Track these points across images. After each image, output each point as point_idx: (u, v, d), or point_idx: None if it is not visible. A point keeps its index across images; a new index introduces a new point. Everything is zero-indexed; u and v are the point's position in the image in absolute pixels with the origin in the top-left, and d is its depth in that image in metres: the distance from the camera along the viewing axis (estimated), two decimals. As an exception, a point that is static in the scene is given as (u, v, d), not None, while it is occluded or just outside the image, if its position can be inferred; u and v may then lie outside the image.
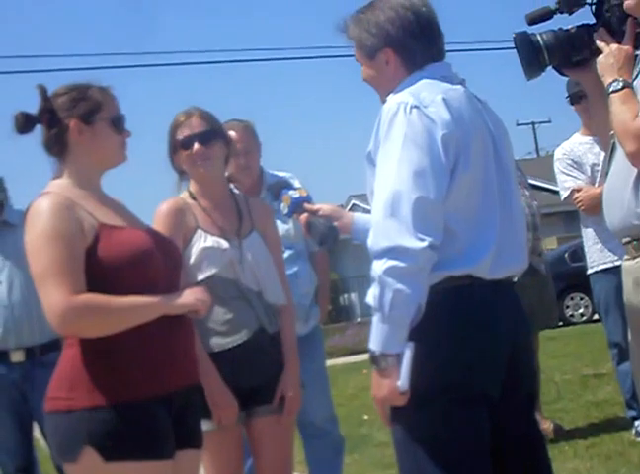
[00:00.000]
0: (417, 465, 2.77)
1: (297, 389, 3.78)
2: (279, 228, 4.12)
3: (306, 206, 3.18)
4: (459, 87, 2.89)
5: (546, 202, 17.01)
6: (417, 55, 2.90)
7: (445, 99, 2.77)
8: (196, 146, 3.72)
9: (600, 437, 6.07)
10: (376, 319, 2.67)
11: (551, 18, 3.23)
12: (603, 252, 5.71)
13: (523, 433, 2.93)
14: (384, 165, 2.73)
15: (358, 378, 11.79)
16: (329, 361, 6.59)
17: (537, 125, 48.54)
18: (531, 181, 21.46)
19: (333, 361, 14.95)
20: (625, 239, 3.11)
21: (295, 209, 3.20)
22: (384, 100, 2.88)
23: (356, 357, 16.58)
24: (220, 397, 3.56)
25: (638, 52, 3.08)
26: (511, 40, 3.21)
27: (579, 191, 5.79)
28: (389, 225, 2.65)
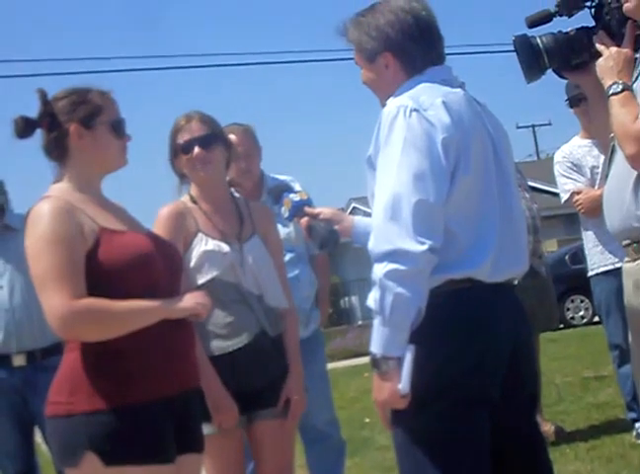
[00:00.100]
0: (418, 468, 2.77)
1: (302, 393, 3.78)
2: (279, 232, 4.12)
3: (307, 210, 3.19)
4: (459, 90, 2.90)
5: (547, 205, 16.98)
6: (416, 59, 2.90)
7: (445, 102, 2.77)
8: (196, 150, 3.72)
9: (601, 440, 6.07)
10: (377, 322, 2.67)
11: (551, 21, 3.23)
12: (604, 254, 5.71)
13: (524, 434, 2.93)
14: (384, 169, 2.74)
15: (359, 381, 11.78)
16: (330, 365, 6.59)
17: (537, 128, 48.53)
18: (532, 183, 21.47)
19: (334, 365, 14.95)
20: (625, 241, 3.12)
21: (296, 213, 3.20)
22: (384, 103, 2.88)
23: (357, 360, 16.58)
24: (220, 401, 3.56)
25: (637, 55, 3.09)
26: (510, 43, 3.22)
27: (579, 193, 5.80)
28: (390, 228, 2.65)
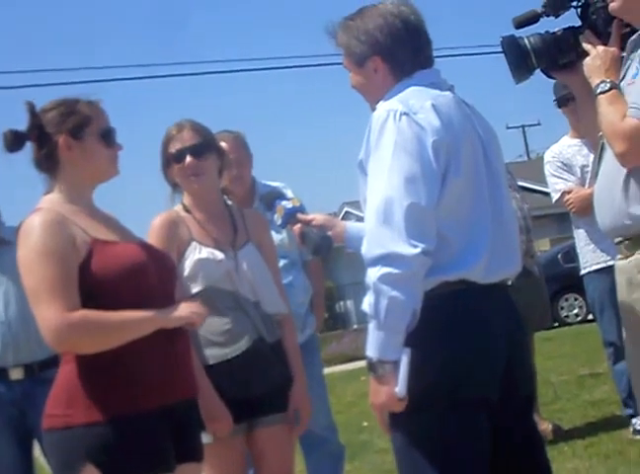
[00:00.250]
0: (417, 470, 2.77)
1: (308, 399, 3.80)
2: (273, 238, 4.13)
3: (299, 217, 3.19)
4: (448, 93, 2.90)
5: (538, 204, 16.99)
6: (405, 63, 2.91)
7: (435, 105, 2.78)
8: (188, 159, 3.72)
9: (599, 437, 6.08)
10: (372, 326, 2.68)
11: (538, 21, 3.24)
12: (596, 252, 5.73)
13: (522, 435, 2.93)
14: (376, 173, 2.74)
15: (356, 385, 11.77)
16: (327, 369, 6.59)
17: (527, 128, 48.64)
18: (523, 183, 21.50)
19: (331, 369, 14.96)
20: (617, 239, 3.12)
21: (289, 220, 3.21)
22: (373, 107, 2.89)
23: (353, 365, 16.58)
24: (214, 409, 3.54)
25: (624, 54, 3.10)
26: (498, 44, 3.23)
27: (569, 193, 5.82)
28: (382, 232, 2.66)
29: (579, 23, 3.22)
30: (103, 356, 2.86)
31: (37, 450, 4.81)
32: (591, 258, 5.80)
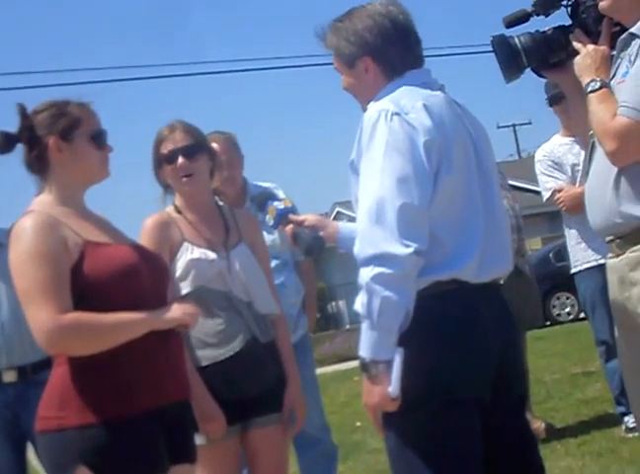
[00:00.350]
0: (411, 470, 2.77)
1: (302, 399, 3.81)
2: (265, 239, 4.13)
3: (291, 217, 3.19)
4: (439, 93, 2.91)
5: (529, 203, 17.02)
6: (396, 63, 2.91)
7: (426, 105, 2.78)
8: (180, 160, 3.72)
9: (591, 435, 6.10)
10: (365, 326, 2.68)
11: (528, 20, 3.25)
12: (587, 251, 5.74)
13: (515, 434, 2.94)
14: (368, 173, 2.75)
15: (349, 385, 11.78)
16: (319, 370, 6.60)
17: (518, 127, 48.75)
18: (514, 182, 21.53)
19: (323, 369, 14.96)
20: (608, 237, 3.13)
21: (281, 221, 3.21)
22: (365, 108, 2.89)
23: (346, 365, 16.58)
24: (207, 410, 3.53)
25: (614, 52, 3.10)
26: (489, 44, 3.23)
27: (560, 191, 5.83)
28: (375, 232, 2.66)
29: (569, 22, 3.22)
30: (95, 358, 2.86)
31: (30, 453, 4.81)
32: (582, 256, 5.81)
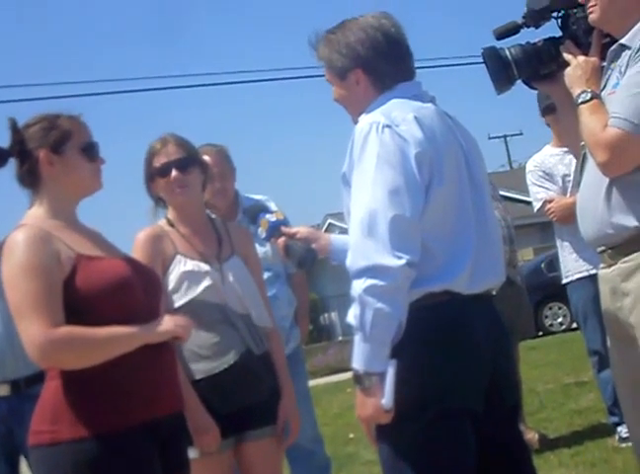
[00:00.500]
0: (404, 482, 2.77)
1: (296, 411, 3.80)
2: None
3: (283, 230, 3.19)
4: (430, 105, 2.92)
5: (521, 214, 17.05)
6: (387, 75, 2.92)
7: (417, 117, 2.79)
8: (173, 173, 3.73)
9: (585, 445, 6.09)
10: (358, 338, 2.68)
11: (518, 32, 3.26)
12: (578, 262, 5.74)
13: (508, 445, 2.94)
14: (359, 185, 2.75)
15: (342, 397, 11.76)
16: (312, 381, 6.59)
17: (509, 138, 48.72)
18: (506, 193, 21.55)
19: (316, 381, 14.95)
20: (600, 248, 3.13)
21: (273, 233, 3.21)
22: (356, 120, 2.90)
23: (339, 376, 16.56)
24: (202, 424, 3.53)
25: (605, 64, 3.12)
26: (479, 55, 3.25)
27: (551, 202, 5.83)
28: (367, 245, 2.66)
29: (559, 33, 3.24)
30: (88, 372, 2.85)
31: (24, 466, 4.80)
32: (573, 267, 5.82)
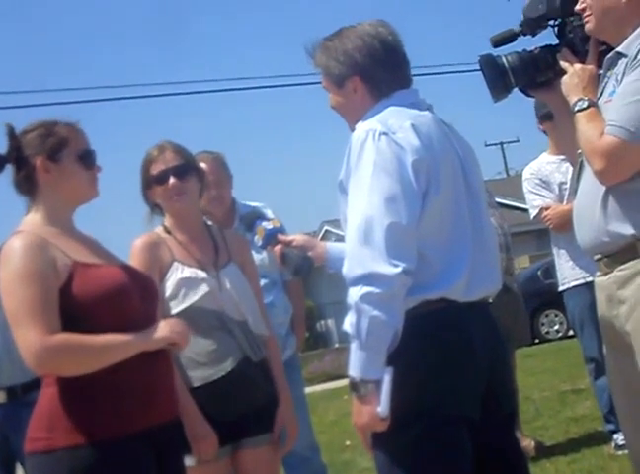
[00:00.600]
0: (400, 489, 2.77)
1: (294, 418, 3.80)
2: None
3: (280, 237, 3.20)
4: (427, 113, 2.92)
5: (517, 221, 17.03)
6: (384, 83, 2.92)
7: (414, 125, 2.79)
8: (171, 180, 3.72)
9: (581, 453, 6.09)
10: (354, 346, 2.67)
11: (515, 40, 3.27)
12: (575, 269, 5.74)
13: (505, 452, 2.94)
14: (356, 193, 2.75)
15: (338, 404, 11.75)
16: (308, 389, 6.58)
17: (506, 145, 48.76)
18: (502, 200, 21.55)
19: (312, 388, 14.91)
20: (597, 256, 3.13)
21: (269, 241, 3.21)
22: (352, 127, 2.90)
23: (335, 383, 16.55)
24: (200, 431, 3.52)
25: (601, 71, 3.12)
26: (476, 63, 3.25)
27: (547, 209, 5.84)
28: (363, 252, 2.66)
29: (556, 41, 3.25)
30: (84, 379, 2.84)
31: (20, 473, 4.79)
32: (570, 274, 5.82)
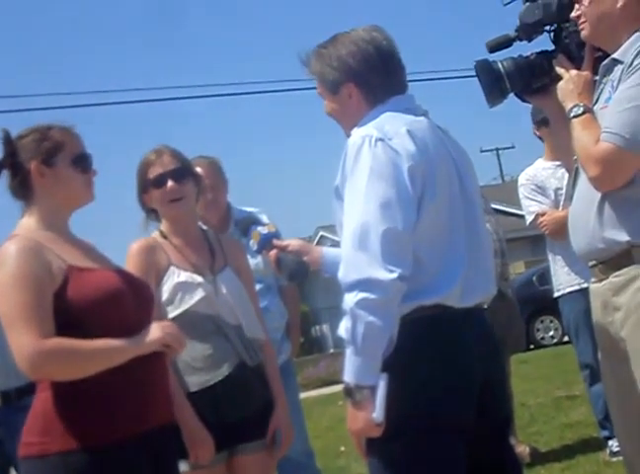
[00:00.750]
0: (395, 496, 2.76)
1: (289, 423, 3.79)
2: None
3: (275, 242, 3.19)
4: (422, 118, 2.92)
5: (513, 227, 17.05)
6: (379, 89, 2.92)
7: (409, 131, 2.79)
8: (169, 184, 3.72)
9: (576, 459, 6.09)
10: (349, 352, 2.67)
11: (511, 45, 3.27)
12: (570, 275, 5.75)
13: (499, 458, 2.94)
14: (352, 199, 2.75)
15: (333, 410, 11.73)
16: (303, 394, 6.58)
17: (501, 151, 48.78)
18: (497, 206, 21.56)
19: (307, 394, 14.91)
20: (591, 262, 3.14)
21: (264, 246, 3.21)
22: (348, 133, 2.90)
23: (330, 389, 16.53)
24: (197, 435, 3.52)
25: (597, 78, 3.12)
26: (472, 69, 3.25)
27: (543, 215, 5.84)
28: (359, 258, 2.66)
29: (552, 47, 3.25)
30: (78, 384, 2.84)
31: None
32: (565, 280, 5.82)
